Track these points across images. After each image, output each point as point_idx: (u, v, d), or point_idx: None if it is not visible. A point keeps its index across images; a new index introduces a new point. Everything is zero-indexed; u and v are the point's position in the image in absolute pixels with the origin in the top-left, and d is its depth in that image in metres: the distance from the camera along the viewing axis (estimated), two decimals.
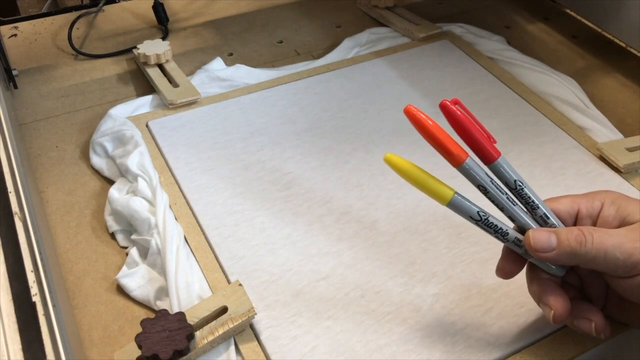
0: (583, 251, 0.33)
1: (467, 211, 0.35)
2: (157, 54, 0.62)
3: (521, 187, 0.35)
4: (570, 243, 0.34)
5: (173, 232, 0.46)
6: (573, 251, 0.34)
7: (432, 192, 0.34)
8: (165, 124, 0.57)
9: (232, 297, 0.40)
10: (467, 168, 0.34)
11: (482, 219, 0.35)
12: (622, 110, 0.63)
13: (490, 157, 0.35)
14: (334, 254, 0.46)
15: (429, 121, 0.34)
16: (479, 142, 0.34)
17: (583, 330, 0.36)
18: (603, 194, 0.37)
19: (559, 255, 0.34)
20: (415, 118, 0.34)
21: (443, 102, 0.34)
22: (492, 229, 0.35)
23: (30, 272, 0.33)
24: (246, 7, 0.79)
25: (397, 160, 0.34)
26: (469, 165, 0.34)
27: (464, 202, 0.35)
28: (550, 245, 0.34)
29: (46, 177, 0.53)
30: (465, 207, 0.35)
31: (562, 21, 0.78)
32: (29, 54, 0.69)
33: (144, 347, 0.37)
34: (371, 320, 0.41)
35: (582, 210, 0.36)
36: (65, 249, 0.47)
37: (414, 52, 0.68)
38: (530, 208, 0.36)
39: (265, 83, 0.63)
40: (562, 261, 0.34)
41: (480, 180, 0.35)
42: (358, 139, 0.56)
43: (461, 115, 0.34)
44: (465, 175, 0.35)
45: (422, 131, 0.34)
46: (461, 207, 0.35)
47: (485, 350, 0.39)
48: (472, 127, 0.34)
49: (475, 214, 0.35)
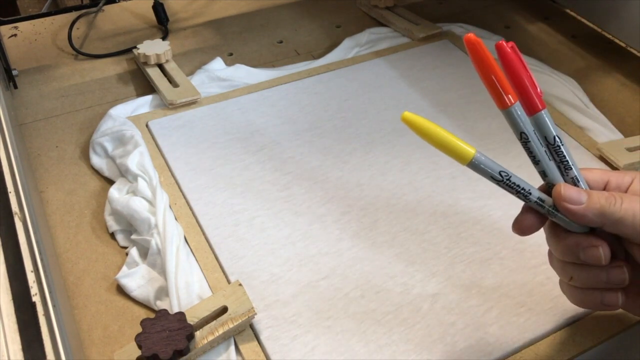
0: (612, 210, 0.33)
1: (489, 170, 0.33)
2: (157, 54, 0.62)
3: (559, 144, 0.34)
4: (601, 201, 0.33)
5: (173, 232, 0.46)
6: (602, 209, 0.33)
7: (452, 151, 0.32)
8: (165, 124, 0.57)
9: (232, 297, 0.40)
10: (515, 111, 0.32)
11: (504, 179, 0.33)
12: (622, 110, 0.63)
13: (536, 106, 0.33)
14: (334, 254, 0.46)
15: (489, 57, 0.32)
16: (528, 90, 0.33)
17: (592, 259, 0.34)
18: (634, 173, 0.36)
19: (587, 211, 0.33)
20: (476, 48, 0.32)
21: (499, 42, 0.33)
22: (514, 189, 0.34)
23: (30, 272, 0.33)
24: (246, 7, 0.79)
25: (415, 118, 0.32)
26: (517, 108, 0.32)
27: (487, 161, 0.33)
28: (580, 199, 0.33)
29: (46, 177, 0.53)
30: (488, 165, 0.33)
31: (562, 21, 0.78)
32: (29, 54, 0.69)
33: (144, 347, 0.37)
34: (371, 320, 0.41)
35: (611, 181, 0.36)
36: (65, 249, 0.47)
37: (414, 52, 0.68)
38: (564, 168, 0.35)
39: (265, 83, 0.63)
40: (588, 218, 0.33)
41: (524, 127, 0.33)
42: (358, 139, 0.56)
43: (515, 58, 0.32)
44: (512, 119, 0.33)
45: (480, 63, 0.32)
46: (483, 166, 0.33)
47: (485, 350, 0.39)
48: (524, 73, 0.33)
49: (497, 174, 0.33)
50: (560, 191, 0.34)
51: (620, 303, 0.35)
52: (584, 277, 0.35)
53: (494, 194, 0.50)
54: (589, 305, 0.36)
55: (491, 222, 0.48)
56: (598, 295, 0.35)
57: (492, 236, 0.47)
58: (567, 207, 0.34)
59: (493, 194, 0.50)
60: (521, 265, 0.45)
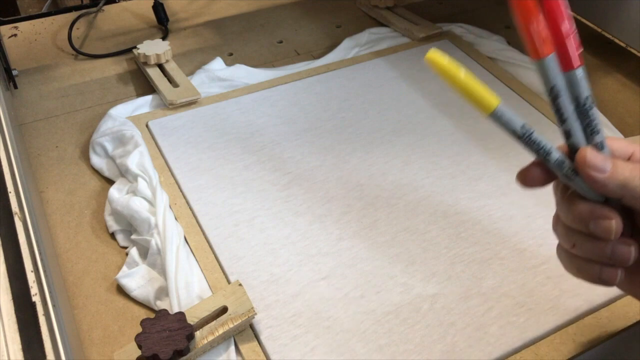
0: (636, 184, 0.32)
1: (511, 124, 0.32)
2: (157, 54, 0.62)
3: (591, 105, 0.33)
4: (625, 172, 0.32)
5: (173, 232, 0.46)
6: (625, 180, 0.32)
7: (476, 98, 0.31)
8: (165, 124, 0.57)
9: (232, 297, 0.40)
10: (547, 63, 0.31)
11: (526, 135, 0.32)
12: (622, 110, 0.63)
13: (572, 63, 0.32)
14: (334, 254, 0.46)
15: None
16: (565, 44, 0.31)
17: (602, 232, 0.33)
18: None
19: (610, 180, 0.32)
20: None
21: None
22: (534, 147, 0.32)
23: (30, 272, 0.33)
24: (246, 7, 0.79)
25: (440, 59, 0.30)
26: (550, 61, 0.31)
27: (509, 113, 0.31)
28: (604, 166, 0.32)
29: (46, 177, 0.53)
30: (510, 118, 0.31)
31: None
32: (29, 54, 0.69)
33: (144, 347, 0.37)
34: (371, 320, 0.41)
35: (636, 153, 0.34)
36: (65, 249, 0.47)
37: (414, 52, 0.68)
38: (590, 131, 0.33)
39: (265, 83, 0.63)
40: (609, 188, 0.32)
41: (555, 81, 0.32)
42: (358, 139, 0.56)
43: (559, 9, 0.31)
44: (544, 71, 0.31)
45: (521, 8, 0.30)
46: (505, 119, 0.31)
47: (485, 350, 0.39)
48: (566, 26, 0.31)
49: (519, 128, 0.32)
50: (586, 156, 0.32)
51: (618, 281, 0.34)
52: (587, 248, 0.34)
53: (494, 193, 0.50)
54: (585, 277, 0.35)
55: (491, 222, 0.48)
56: (597, 269, 0.34)
57: (492, 236, 0.47)
58: (590, 174, 0.32)
59: (493, 194, 0.50)
60: (521, 265, 0.45)
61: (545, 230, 0.47)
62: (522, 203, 0.50)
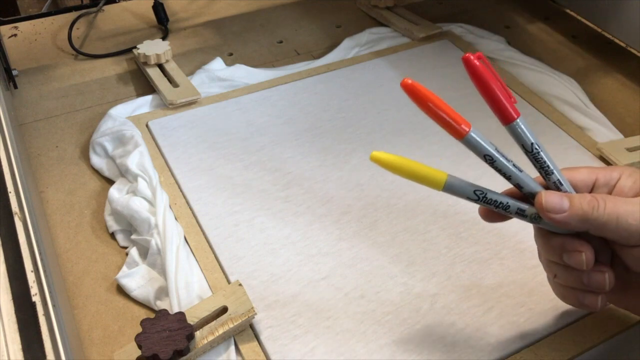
0: (595, 215, 0.33)
1: (464, 192, 0.34)
2: (157, 54, 0.62)
3: (537, 150, 0.34)
4: (583, 206, 0.33)
5: (173, 232, 0.46)
6: (585, 215, 0.33)
7: (425, 179, 0.33)
8: (165, 124, 0.57)
9: (232, 297, 0.40)
10: (473, 137, 0.33)
11: (480, 198, 0.34)
12: (622, 110, 0.63)
13: (510, 116, 0.33)
14: (334, 254, 0.46)
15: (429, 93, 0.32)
16: (499, 100, 0.33)
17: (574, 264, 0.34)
18: (622, 167, 0.36)
19: (570, 218, 0.33)
20: (414, 90, 0.32)
21: (466, 55, 0.32)
22: (492, 205, 0.34)
23: (30, 272, 0.33)
24: (246, 7, 0.79)
25: (383, 156, 0.33)
26: (474, 134, 0.33)
27: (460, 183, 0.34)
28: (561, 206, 0.33)
29: (46, 177, 0.53)
30: (462, 188, 0.34)
31: (562, 21, 0.78)
32: (29, 54, 0.69)
33: (144, 347, 0.37)
34: (371, 320, 0.41)
35: (599, 179, 0.36)
36: (65, 249, 0.47)
37: (414, 52, 0.68)
38: (545, 173, 0.35)
39: (265, 83, 0.63)
40: (572, 225, 0.33)
41: (487, 150, 0.33)
42: (358, 139, 0.56)
43: (483, 70, 0.32)
44: (471, 146, 0.34)
45: (422, 103, 0.33)
46: (457, 189, 0.34)
47: (485, 350, 0.39)
48: (494, 83, 0.33)
49: (472, 194, 0.34)
50: (542, 201, 0.34)
51: (600, 306, 0.35)
52: (566, 277, 0.36)
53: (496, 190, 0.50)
54: (570, 302, 0.37)
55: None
56: (579, 295, 0.36)
57: (492, 236, 0.47)
58: (550, 217, 0.34)
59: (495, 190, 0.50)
60: (521, 265, 0.45)
61: None
62: None
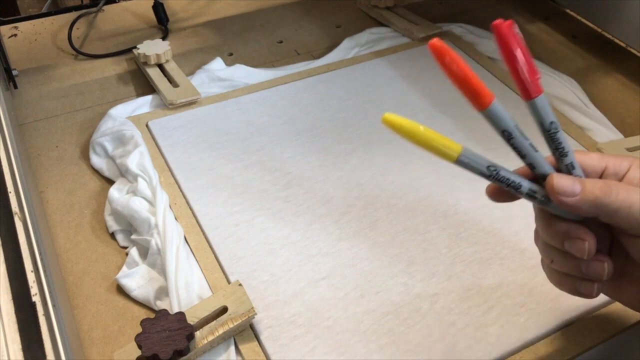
0: (607, 201, 0.32)
1: (477, 166, 0.32)
2: (157, 54, 0.62)
3: (556, 130, 0.33)
4: (595, 192, 0.32)
5: (173, 232, 0.46)
6: (597, 200, 0.32)
7: (438, 149, 0.31)
8: (165, 124, 0.57)
9: (232, 297, 0.40)
10: (494, 110, 0.32)
11: (493, 174, 0.33)
12: (622, 110, 0.63)
13: (533, 91, 0.32)
14: (334, 254, 0.46)
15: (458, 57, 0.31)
16: (524, 73, 0.32)
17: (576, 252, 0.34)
18: (632, 158, 0.35)
19: (581, 202, 0.32)
20: (442, 52, 0.31)
21: (497, 21, 0.31)
22: (504, 183, 0.33)
23: (30, 272, 0.33)
24: (246, 7, 0.79)
25: (396, 119, 0.32)
26: (495, 108, 0.32)
27: (474, 157, 0.32)
28: (573, 190, 0.32)
29: (46, 177, 0.53)
30: (475, 161, 0.32)
31: (562, 21, 0.78)
32: (29, 54, 0.69)
33: (144, 347, 0.37)
34: (371, 320, 0.41)
35: (609, 167, 0.35)
36: (65, 249, 0.47)
37: (414, 52, 0.68)
38: (559, 154, 0.34)
39: (265, 83, 0.63)
40: (583, 210, 0.32)
41: (506, 125, 0.32)
42: (358, 139, 0.56)
43: (513, 39, 0.31)
44: (491, 118, 0.32)
45: (449, 68, 0.31)
46: (470, 163, 0.32)
47: (485, 350, 0.39)
48: (523, 54, 0.31)
49: (485, 169, 0.32)
50: (553, 183, 0.33)
51: (595, 294, 0.35)
52: (564, 264, 0.35)
53: None
54: (564, 289, 0.36)
55: (491, 222, 0.48)
56: (575, 283, 0.35)
57: (492, 236, 0.47)
58: (561, 199, 0.33)
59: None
60: (521, 265, 0.45)
61: None
62: (523, 203, 0.50)
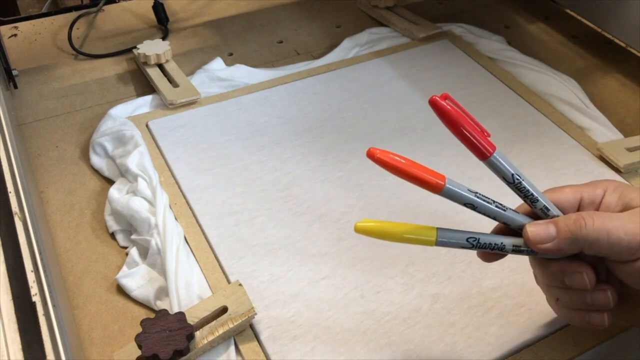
0: (584, 233, 0.32)
1: (457, 242, 0.34)
2: (157, 54, 0.62)
3: (519, 180, 0.35)
4: (570, 228, 0.33)
5: (173, 232, 0.46)
6: (573, 236, 0.32)
7: (416, 240, 0.33)
8: (165, 124, 0.57)
9: (232, 297, 0.40)
10: (449, 191, 0.33)
11: (474, 244, 0.34)
12: (622, 110, 0.63)
13: (485, 152, 0.34)
14: (334, 254, 0.46)
15: (400, 160, 0.33)
16: (473, 138, 0.33)
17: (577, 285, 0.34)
18: (605, 182, 0.36)
19: (560, 244, 0.33)
20: (384, 161, 0.33)
21: (432, 98, 0.33)
22: (487, 248, 0.35)
23: (30, 272, 0.33)
24: (246, 7, 0.79)
25: (369, 226, 0.33)
26: (449, 188, 0.33)
27: (451, 235, 0.34)
28: (549, 235, 0.33)
29: (46, 177, 0.53)
30: (454, 238, 0.34)
31: (562, 21, 0.78)
32: (29, 54, 0.69)
33: (144, 347, 0.37)
34: (371, 320, 0.41)
35: (584, 198, 0.35)
36: (65, 249, 0.47)
37: (414, 52, 0.68)
38: (530, 201, 0.35)
39: (265, 83, 0.63)
40: (564, 249, 0.33)
41: (466, 199, 0.34)
42: (358, 139, 0.56)
43: (452, 111, 0.33)
44: (450, 198, 0.34)
45: (395, 170, 0.33)
46: (450, 240, 0.34)
47: (485, 350, 0.39)
48: (465, 123, 0.33)
49: (465, 242, 0.34)
50: (528, 235, 0.34)
51: (607, 323, 0.35)
52: (569, 300, 0.35)
53: (495, 193, 0.50)
54: (577, 324, 0.36)
55: (491, 222, 0.48)
56: (585, 315, 0.35)
57: None
58: (541, 248, 0.34)
59: (493, 194, 0.50)
60: (521, 265, 0.45)
61: None
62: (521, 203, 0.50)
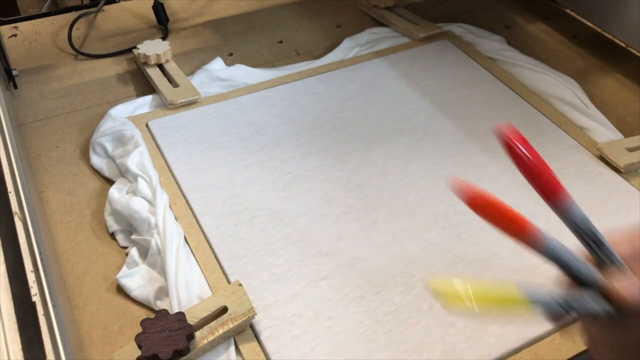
0: None
1: (548, 306, 0.31)
2: (157, 54, 0.62)
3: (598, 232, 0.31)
4: None
5: (173, 232, 0.46)
6: None
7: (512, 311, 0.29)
8: (165, 124, 0.57)
9: (232, 297, 0.40)
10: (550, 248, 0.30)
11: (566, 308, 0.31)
12: (622, 110, 0.63)
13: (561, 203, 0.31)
14: (334, 254, 0.46)
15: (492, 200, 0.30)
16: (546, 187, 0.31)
17: None
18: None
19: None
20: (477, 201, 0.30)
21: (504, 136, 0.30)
22: (581, 311, 0.31)
23: (30, 272, 0.33)
24: (246, 7, 0.79)
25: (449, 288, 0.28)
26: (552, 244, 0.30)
27: (543, 298, 0.31)
28: None
29: (46, 177, 0.53)
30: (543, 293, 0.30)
31: (562, 21, 0.78)
32: (29, 54, 0.69)
33: (144, 347, 0.36)
34: (371, 320, 0.41)
35: None
36: (65, 249, 0.47)
37: (414, 52, 0.68)
38: (596, 245, 0.32)
39: (265, 83, 0.63)
40: None
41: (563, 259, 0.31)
42: (358, 139, 0.56)
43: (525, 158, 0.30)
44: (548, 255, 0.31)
45: None
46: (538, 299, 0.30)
47: (485, 350, 0.39)
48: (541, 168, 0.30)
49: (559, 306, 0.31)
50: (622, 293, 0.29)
51: None
52: None
53: (495, 193, 0.50)
54: None
55: None
56: None
57: (492, 236, 0.47)
58: None
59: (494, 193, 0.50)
60: (521, 265, 0.45)
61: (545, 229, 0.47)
62: (523, 203, 0.49)
